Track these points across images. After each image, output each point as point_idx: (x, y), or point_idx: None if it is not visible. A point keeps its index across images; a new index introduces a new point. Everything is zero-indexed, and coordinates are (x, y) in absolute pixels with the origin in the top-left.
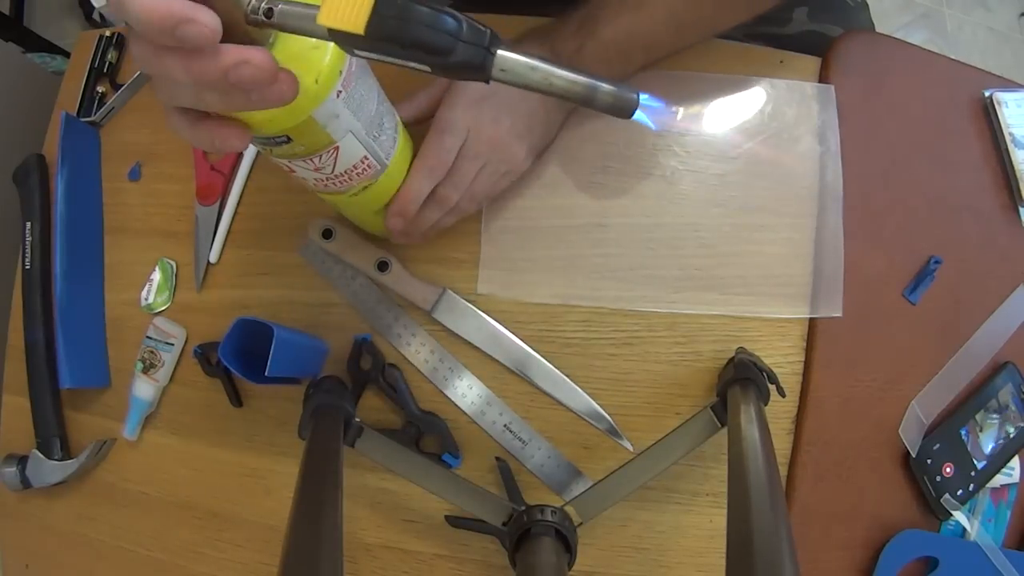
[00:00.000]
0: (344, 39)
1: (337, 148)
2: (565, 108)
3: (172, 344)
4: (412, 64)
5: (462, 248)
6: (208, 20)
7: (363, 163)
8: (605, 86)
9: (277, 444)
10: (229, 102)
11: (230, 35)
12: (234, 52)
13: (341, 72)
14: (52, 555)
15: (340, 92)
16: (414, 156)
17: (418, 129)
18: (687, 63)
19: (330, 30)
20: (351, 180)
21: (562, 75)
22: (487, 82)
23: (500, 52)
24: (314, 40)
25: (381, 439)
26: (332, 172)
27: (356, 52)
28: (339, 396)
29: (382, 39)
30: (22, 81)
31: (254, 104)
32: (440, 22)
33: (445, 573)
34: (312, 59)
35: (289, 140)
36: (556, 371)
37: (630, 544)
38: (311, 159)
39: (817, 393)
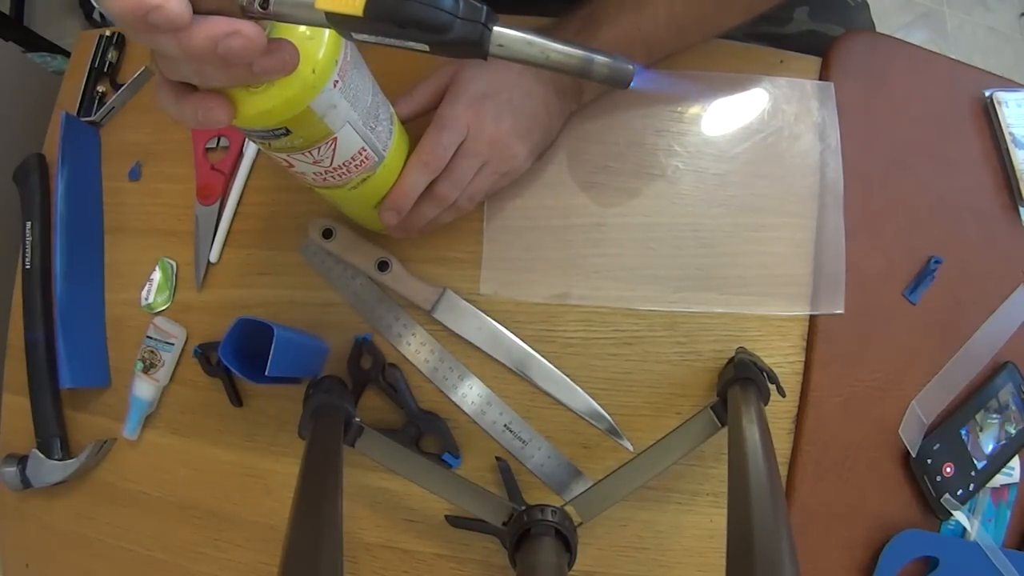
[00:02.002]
0: (342, 22)
1: (335, 139)
2: (566, 110)
3: (172, 344)
4: (410, 44)
5: (462, 248)
6: (175, 4)
7: (361, 154)
8: (600, 58)
9: (277, 444)
10: (231, 75)
11: None
12: (223, 24)
13: (337, 62)
14: (52, 555)
15: (337, 82)
16: (410, 151)
17: (420, 124)
18: (688, 62)
19: (328, 14)
20: (349, 173)
21: (558, 48)
22: (485, 58)
23: (497, 28)
24: (309, 30)
25: (381, 439)
26: (331, 165)
27: (353, 36)
28: (339, 396)
29: (380, 19)
30: (22, 81)
31: (257, 76)
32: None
33: (445, 573)
34: (307, 49)
35: (288, 132)
36: (556, 371)
37: (630, 544)
38: (310, 151)
39: (817, 393)
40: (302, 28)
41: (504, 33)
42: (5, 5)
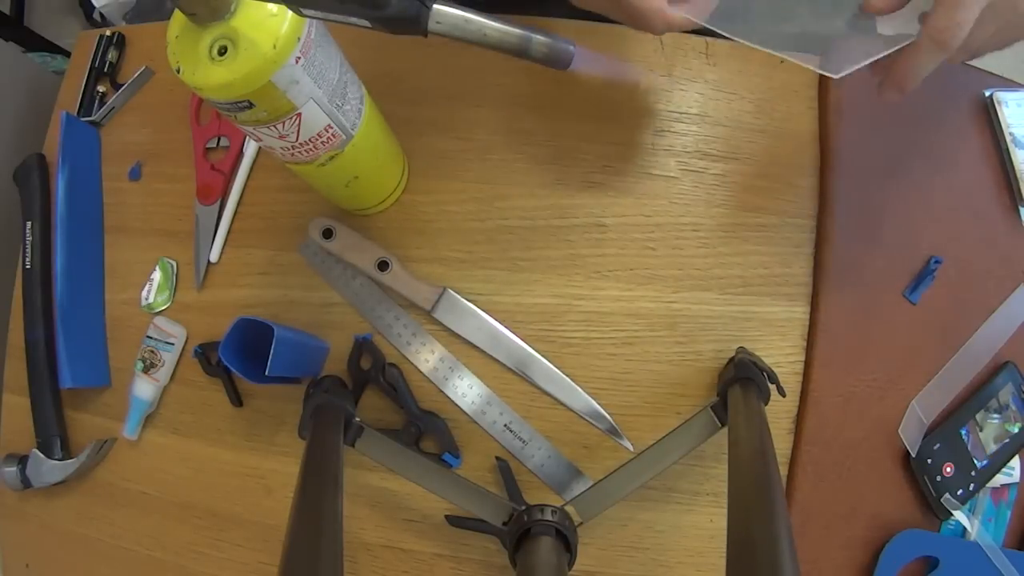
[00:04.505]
0: None
1: (299, 115)
2: None
3: (172, 344)
4: (352, 20)
5: (462, 248)
6: None
7: (327, 131)
8: (539, 37)
9: (277, 444)
10: None
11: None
12: None
13: (299, 39)
14: (52, 555)
15: (299, 58)
16: (384, 133)
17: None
18: (686, 62)
19: None
20: (317, 149)
21: (496, 27)
22: (425, 35)
23: (436, 6)
24: (273, 8)
25: (381, 439)
26: (296, 140)
27: (303, 11)
28: (339, 396)
29: None
30: (22, 81)
31: None
32: None
33: (445, 573)
34: (270, 26)
35: (252, 105)
36: (556, 371)
37: (630, 544)
38: (275, 126)
39: (817, 393)
40: (269, 6)
41: (442, 10)
42: (5, 5)
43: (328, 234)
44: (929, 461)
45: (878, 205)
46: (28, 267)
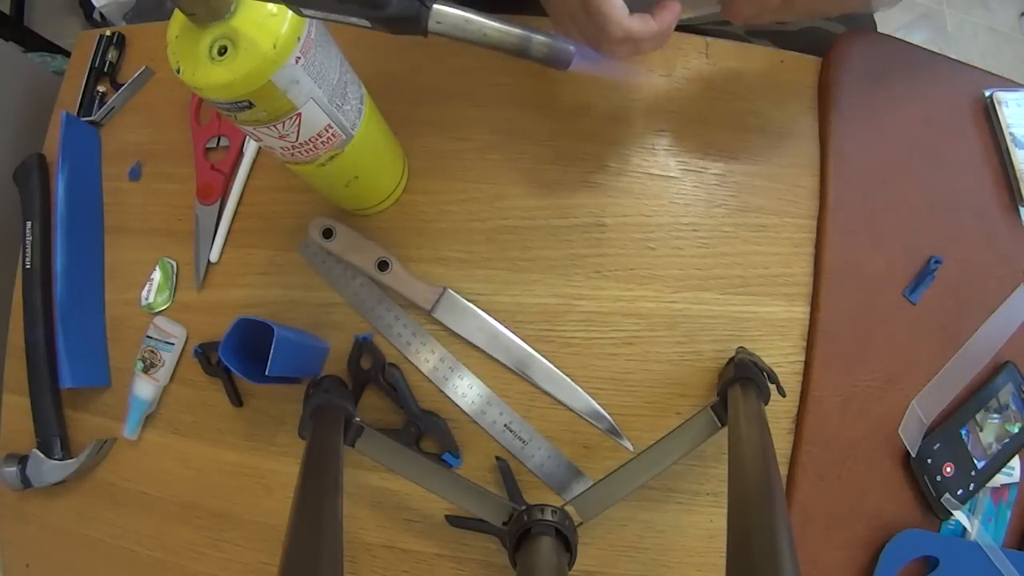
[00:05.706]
0: None
1: (299, 115)
2: None
3: (172, 344)
4: (352, 20)
5: (462, 248)
6: None
7: (327, 131)
8: (539, 37)
9: (277, 444)
10: None
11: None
12: None
13: (299, 38)
14: (52, 555)
15: (299, 58)
16: (384, 134)
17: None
18: (686, 63)
19: None
20: (317, 149)
21: (496, 27)
22: (424, 35)
23: (436, 6)
24: (273, 8)
25: (381, 439)
26: (296, 140)
27: (302, 11)
28: (339, 395)
29: None
30: (22, 81)
31: None
32: None
33: (445, 573)
34: (270, 26)
35: (252, 105)
36: (556, 371)
37: (630, 544)
38: (275, 125)
39: (817, 393)
40: (269, 6)
41: (442, 10)
42: (5, 5)
43: (328, 234)
44: (929, 461)
45: (878, 205)
46: (28, 267)
